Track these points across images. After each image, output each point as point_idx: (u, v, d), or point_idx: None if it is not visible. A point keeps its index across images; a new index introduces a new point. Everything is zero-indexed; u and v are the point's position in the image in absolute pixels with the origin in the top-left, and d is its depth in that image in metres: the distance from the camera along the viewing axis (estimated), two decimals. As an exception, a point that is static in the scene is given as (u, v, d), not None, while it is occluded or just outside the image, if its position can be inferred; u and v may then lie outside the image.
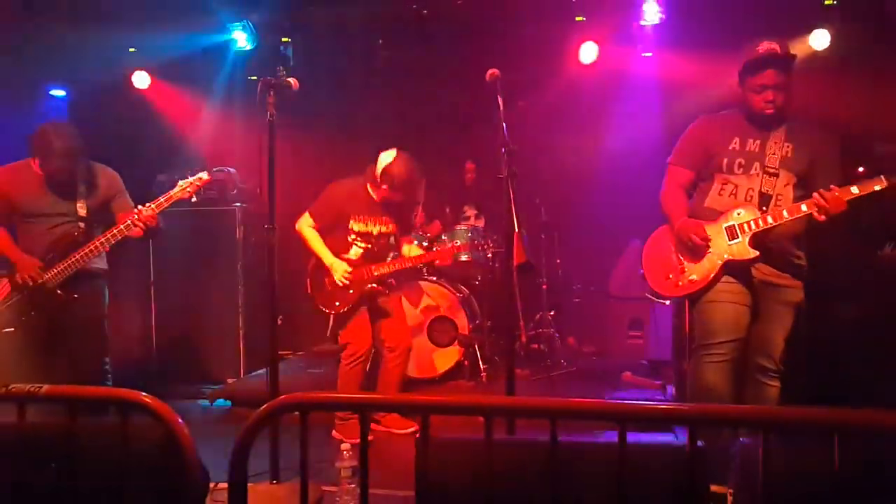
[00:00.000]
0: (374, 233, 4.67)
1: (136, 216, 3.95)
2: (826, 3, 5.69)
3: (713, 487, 3.35)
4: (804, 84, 3.66)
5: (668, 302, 5.43)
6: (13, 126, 5.47)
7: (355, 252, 4.65)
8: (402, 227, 4.85)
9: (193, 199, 4.12)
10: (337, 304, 4.62)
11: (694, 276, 3.53)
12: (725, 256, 3.44)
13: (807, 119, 3.56)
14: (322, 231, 4.63)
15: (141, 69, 6.52)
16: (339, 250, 4.63)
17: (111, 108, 6.59)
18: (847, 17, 5.64)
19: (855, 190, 3.23)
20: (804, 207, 3.30)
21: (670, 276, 3.62)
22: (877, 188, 3.23)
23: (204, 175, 4.08)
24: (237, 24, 6.13)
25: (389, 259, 4.73)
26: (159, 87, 6.66)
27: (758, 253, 3.39)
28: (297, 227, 4.65)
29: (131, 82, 6.53)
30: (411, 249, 4.85)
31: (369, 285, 4.61)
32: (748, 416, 1.67)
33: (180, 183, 4.05)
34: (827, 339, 4.88)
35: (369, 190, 4.65)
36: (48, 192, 4.08)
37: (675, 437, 3.24)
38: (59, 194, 4.09)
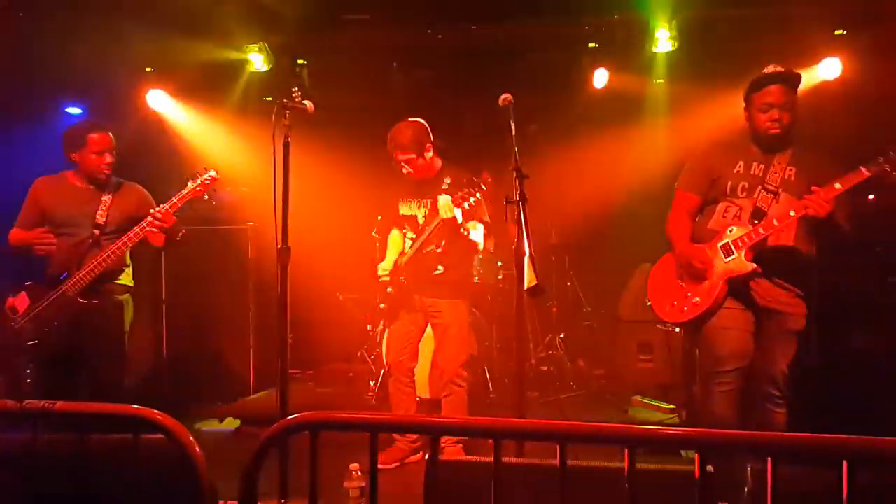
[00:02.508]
0: (420, 218, 4.51)
1: (153, 216, 4.01)
2: (836, 32, 5.71)
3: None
4: (815, 113, 3.66)
5: (678, 329, 5.42)
6: (29, 143, 5.55)
7: (408, 247, 4.54)
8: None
9: (206, 197, 4.18)
10: (381, 305, 4.62)
11: (697, 299, 3.53)
12: (725, 275, 3.45)
13: (813, 145, 3.57)
14: (386, 232, 4.72)
15: (156, 88, 6.57)
16: (399, 252, 4.59)
17: (126, 126, 6.64)
18: (858, 46, 5.66)
19: (838, 185, 3.23)
20: (792, 213, 3.31)
21: (675, 302, 3.63)
22: (860, 180, 3.23)
23: (214, 173, 4.15)
24: (253, 45, 6.20)
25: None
26: (174, 107, 6.71)
27: (755, 266, 3.40)
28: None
29: (146, 101, 6.58)
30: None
31: (400, 277, 4.49)
32: (758, 442, 1.68)
33: (190, 184, 4.11)
34: (841, 367, 4.86)
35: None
36: (76, 200, 4.16)
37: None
38: (85, 202, 4.16)
